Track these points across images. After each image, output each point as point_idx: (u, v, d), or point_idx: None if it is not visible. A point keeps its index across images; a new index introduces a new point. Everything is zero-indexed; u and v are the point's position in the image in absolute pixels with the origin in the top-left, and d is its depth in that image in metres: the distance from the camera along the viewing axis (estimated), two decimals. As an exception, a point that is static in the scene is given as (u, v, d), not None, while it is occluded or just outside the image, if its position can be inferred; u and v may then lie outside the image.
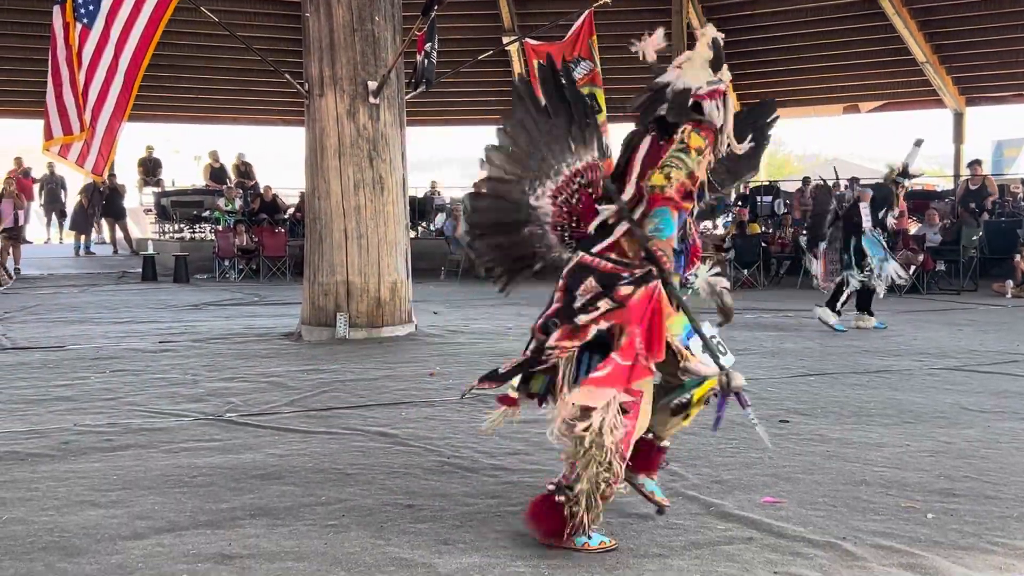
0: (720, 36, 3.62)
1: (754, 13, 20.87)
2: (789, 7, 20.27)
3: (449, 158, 53.06)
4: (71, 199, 21.51)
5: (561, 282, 3.39)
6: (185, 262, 17.00)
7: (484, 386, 3.40)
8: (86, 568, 3.16)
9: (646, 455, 3.64)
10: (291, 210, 19.52)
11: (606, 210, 3.42)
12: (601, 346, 3.30)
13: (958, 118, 20.33)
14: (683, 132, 3.42)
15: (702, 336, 3.53)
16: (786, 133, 43.91)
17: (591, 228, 3.44)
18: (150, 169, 22.06)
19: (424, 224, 20.68)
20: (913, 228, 15.13)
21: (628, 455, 3.38)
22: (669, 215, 3.36)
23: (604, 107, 11.57)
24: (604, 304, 3.26)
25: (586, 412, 3.25)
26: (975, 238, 14.50)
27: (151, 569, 3.16)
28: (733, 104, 3.57)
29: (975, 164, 17.20)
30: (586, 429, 3.23)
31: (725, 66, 3.60)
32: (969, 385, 6.49)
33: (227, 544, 3.37)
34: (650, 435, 3.63)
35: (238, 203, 19.22)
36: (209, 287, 15.78)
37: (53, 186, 21.56)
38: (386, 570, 3.15)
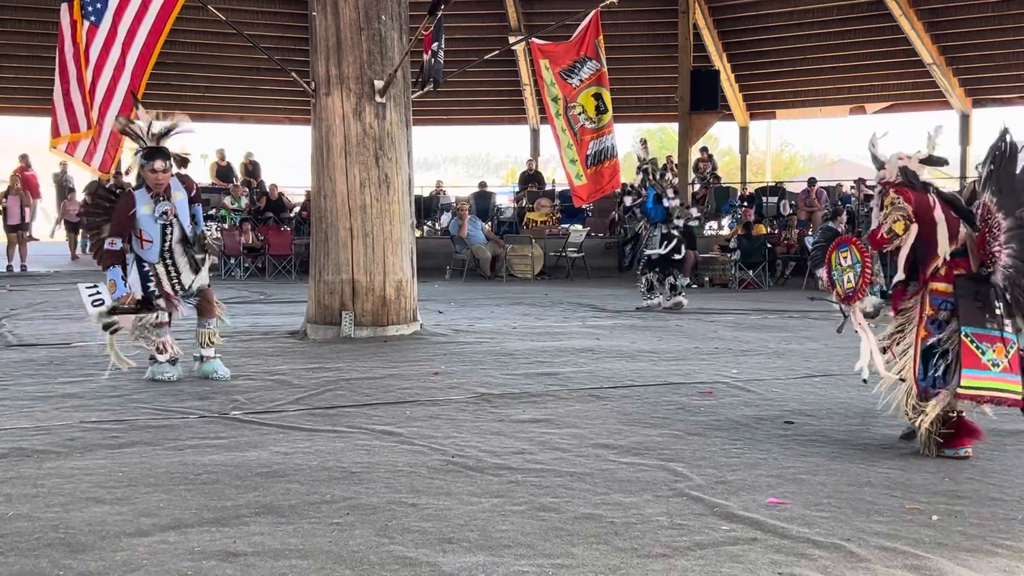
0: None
1: (761, 14, 20.87)
2: (796, 8, 20.27)
3: (455, 157, 53.22)
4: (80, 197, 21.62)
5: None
6: (191, 260, 17.01)
7: None
8: (91, 565, 3.17)
9: None
10: (297, 209, 19.55)
11: None
12: None
13: (964, 120, 20.30)
14: None
15: None
16: (792, 134, 43.91)
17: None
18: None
19: (429, 223, 20.71)
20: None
21: None
22: None
23: (610, 107, 11.57)
24: None
25: None
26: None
27: (156, 566, 3.16)
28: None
29: (983, 166, 17.13)
30: None
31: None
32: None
33: (232, 542, 3.38)
34: None
35: (244, 201, 19.27)
36: (215, 285, 15.78)
37: (65, 183, 21.62)
38: (390, 568, 3.16)
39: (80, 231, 19.69)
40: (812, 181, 19.44)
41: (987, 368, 4.54)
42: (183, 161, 6.62)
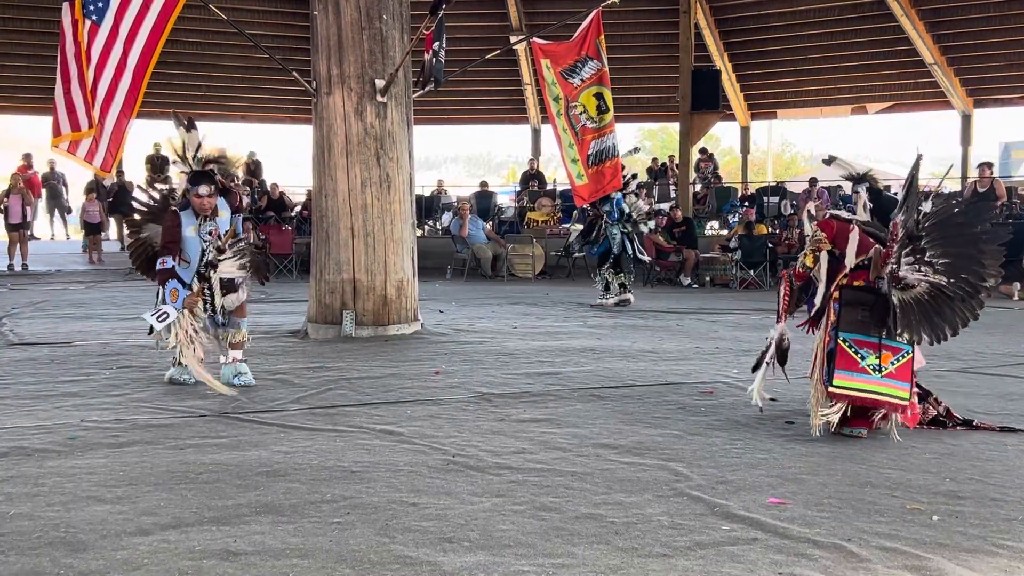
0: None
1: (762, 14, 20.86)
2: (797, 8, 20.26)
3: (456, 156, 53.21)
4: (73, 197, 21.63)
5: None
6: (192, 259, 16.97)
7: None
8: (92, 564, 3.17)
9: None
10: (298, 208, 19.54)
11: None
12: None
13: (966, 120, 20.30)
14: None
15: None
16: (794, 134, 43.85)
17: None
18: (158, 166, 22.10)
19: (430, 223, 20.70)
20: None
21: None
22: None
23: (612, 107, 11.58)
24: None
25: None
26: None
27: (156, 565, 3.17)
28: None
29: (984, 167, 17.10)
30: None
31: None
32: (975, 387, 6.48)
33: (232, 541, 3.38)
34: None
35: (245, 201, 19.23)
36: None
37: (55, 183, 21.63)
38: (391, 568, 3.16)
39: (96, 233, 19.60)
40: (813, 181, 19.42)
41: (864, 372, 4.94)
42: (225, 191, 6.56)
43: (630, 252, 12.06)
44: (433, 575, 3.11)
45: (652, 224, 12.66)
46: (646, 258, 12.57)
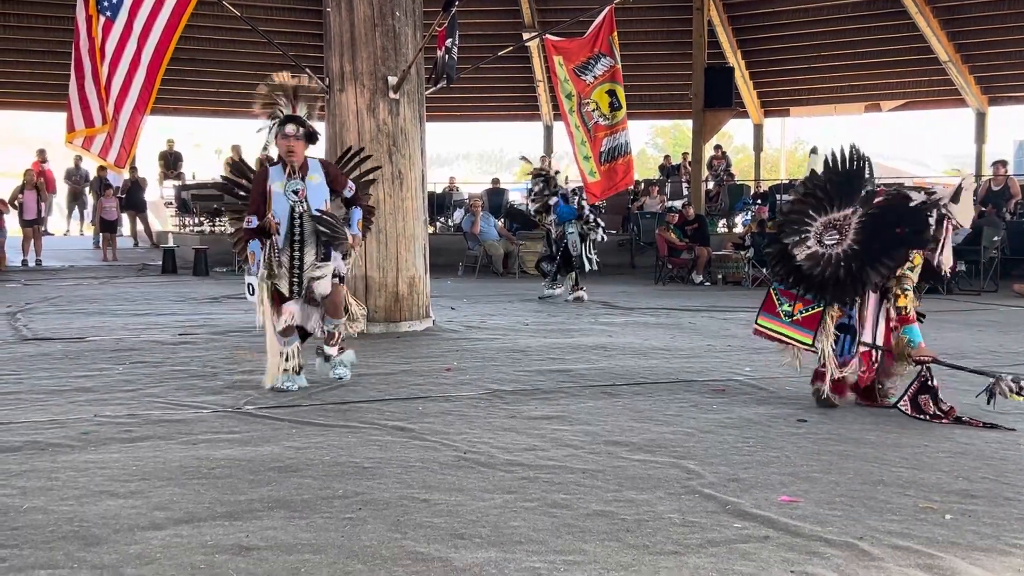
0: None
1: (775, 11, 20.81)
2: (811, 5, 20.21)
3: (468, 153, 53.20)
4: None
5: None
6: (205, 255, 17.09)
7: None
8: (105, 558, 3.19)
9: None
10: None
11: None
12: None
13: (980, 118, 20.21)
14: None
15: None
16: (807, 131, 43.66)
17: None
18: (171, 162, 22.21)
19: (442, 220, 20.71)
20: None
21: None
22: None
23: (624, 104, 11.57)
24: None
25: None
26: (996, 239, 14.39)
27: (169, 559, 3.18)
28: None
29: (999, 164, 17.03)
30: None
31: None
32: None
33: (245, 536, 3.39)
34: None
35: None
36: (228, 280, 15.84)
37: (78, 179, 21.73)
38: (402, 563, 3.16)
39: (112, 231, 19.59)
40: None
41: (779, 316, 5.79)
42: (310, 136, 6.17)
43: (580, 252, 12.16)
44: (444, 571, 3.11)
45: (600, 234, 12.66)
46: (594, 264, 12.51)
